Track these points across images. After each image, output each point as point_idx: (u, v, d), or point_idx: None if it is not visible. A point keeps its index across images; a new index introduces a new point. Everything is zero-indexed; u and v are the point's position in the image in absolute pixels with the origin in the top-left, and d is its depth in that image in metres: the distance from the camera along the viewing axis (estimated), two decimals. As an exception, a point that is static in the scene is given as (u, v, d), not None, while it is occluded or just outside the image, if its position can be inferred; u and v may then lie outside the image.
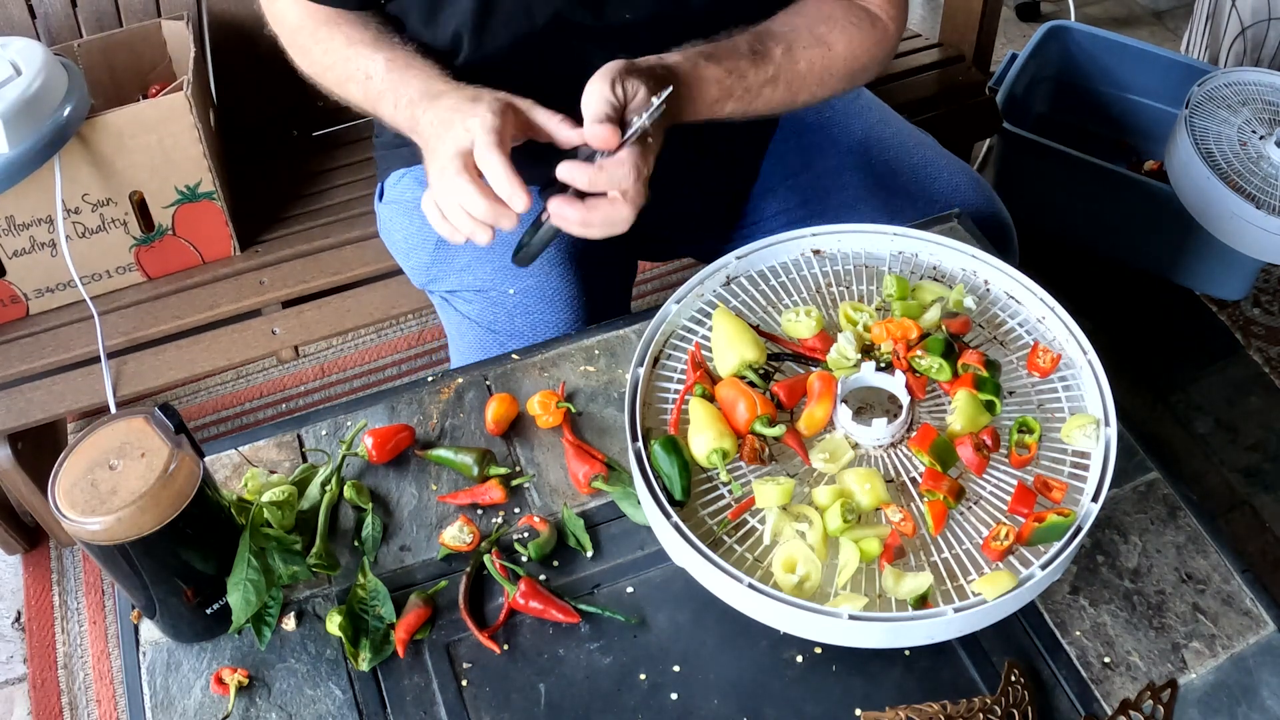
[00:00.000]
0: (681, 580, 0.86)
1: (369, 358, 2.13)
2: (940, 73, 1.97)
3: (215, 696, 0.85)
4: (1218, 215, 1.82)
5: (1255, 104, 1.89)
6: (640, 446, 0.86)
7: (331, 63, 1.11)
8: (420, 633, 0.87)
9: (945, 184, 1.26)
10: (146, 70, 1.69)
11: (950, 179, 1.26)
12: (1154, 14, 2.86)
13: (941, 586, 0.82)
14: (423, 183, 1.30)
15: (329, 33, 1.11)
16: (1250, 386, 2.03)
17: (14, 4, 1.63)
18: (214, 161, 1.59)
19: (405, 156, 1.33)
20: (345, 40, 1.10)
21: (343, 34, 1.11)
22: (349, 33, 1.10)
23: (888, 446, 0.89)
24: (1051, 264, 2.15)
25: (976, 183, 1.28)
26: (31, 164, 1.42)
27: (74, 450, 0.79)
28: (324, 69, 1.13)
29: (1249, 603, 0.88)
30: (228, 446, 1.00)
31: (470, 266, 1.23)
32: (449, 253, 1.25)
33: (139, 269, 1.65)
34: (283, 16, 1.15)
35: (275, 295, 1.66)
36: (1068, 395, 0.92)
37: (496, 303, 1.19)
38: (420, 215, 1.28)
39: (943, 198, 1.25)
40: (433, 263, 1.27)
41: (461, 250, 1.24)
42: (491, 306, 1.20)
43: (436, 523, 0.95)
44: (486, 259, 1.21)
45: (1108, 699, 0.83)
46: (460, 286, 1.24)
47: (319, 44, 1.12)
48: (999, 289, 1.00)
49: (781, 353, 0.95)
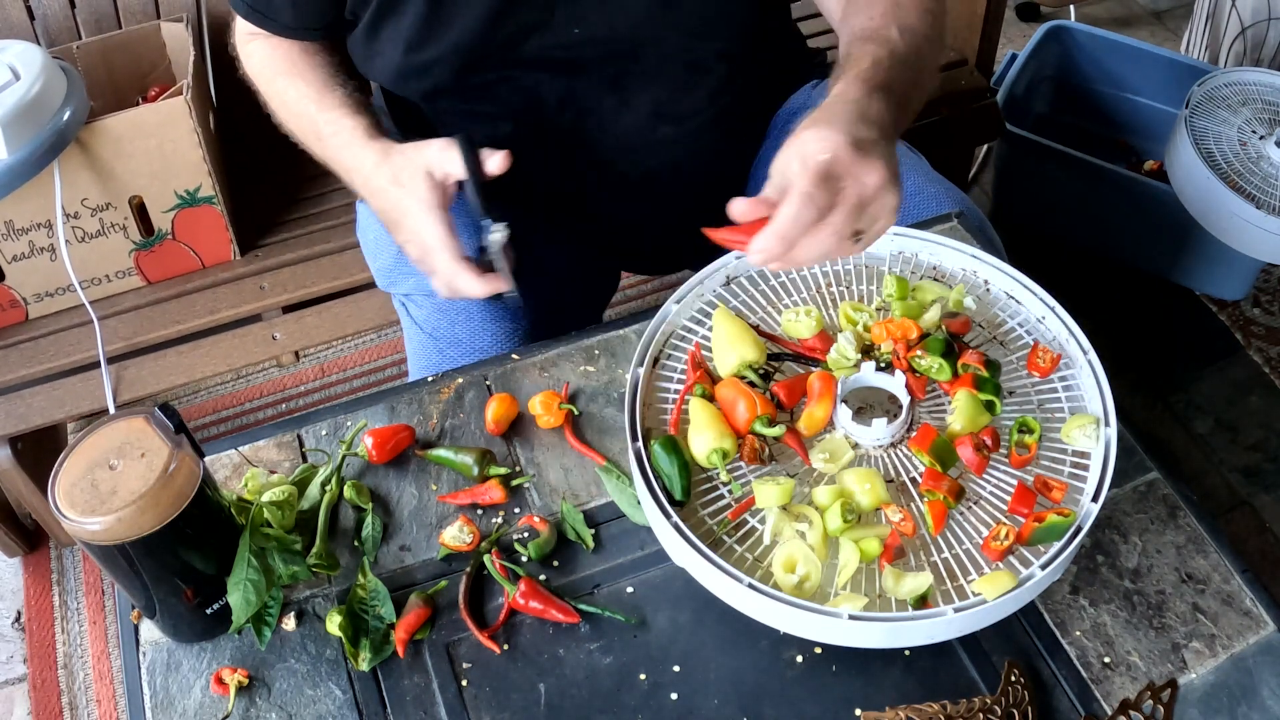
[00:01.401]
0: (681, 580, 0.86)
1: (369, 358, 2.13)
2: (943, 77, 1.97)
3: (215, 696, 0.85)
4: (1218, 215, 1.82)
5: (1255, 104, 1.89)
6: (640, 446, 0.86)
7: (291, 116, 1.15)
8: (420, 633, 0.87)
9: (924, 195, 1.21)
10: (146, 72, 1.69)
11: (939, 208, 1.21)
12: (1154, 14, 2.86)
13: (941, 586, 0.82)
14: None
15: (284, 86, 1.14)
16: (1250, 386, 2.03)
17: (12, 5, 1.63)
18: (214, 166, 1.59)
19: None
20: (297, 96, 1.13)
21: (294, 89, 1.13)
22: (300, 88, 1.13)
23: (888, 446, 0.89)
24: (1051, 264, 2.15)
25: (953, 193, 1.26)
26: (31, 169, 1.42)
27: (74, 450, 0.79)
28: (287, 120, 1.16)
29: (1249, 603, 0.88)
30: (228, 446, 1.00)
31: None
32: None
33: (139, 274, 1.65)
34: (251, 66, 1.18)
35: (275, 300, 1.66)
36: (1068, 395, 0.92)
37: (442, 309, 1.20)
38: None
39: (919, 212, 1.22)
40: (395, 265, 1.28)
41: None
42: (436, 312, 1.21)
43: (436, 523, 0.95)
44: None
45: (1108, 699, 0.83)
46: (414, 290, 1.25)
47: (276, 96, 1.15)
48: (999, 289, 1.00)
49: (781, 353, 0.95)
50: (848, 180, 0.79)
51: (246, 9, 1.12)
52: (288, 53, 1.14)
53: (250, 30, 1.15)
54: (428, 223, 1.01)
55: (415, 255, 1.05)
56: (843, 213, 0.79)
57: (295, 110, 1.14)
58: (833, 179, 0.79)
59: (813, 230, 0.79)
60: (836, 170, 0.79)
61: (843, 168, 0.79)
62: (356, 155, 1.07)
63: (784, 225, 0.78)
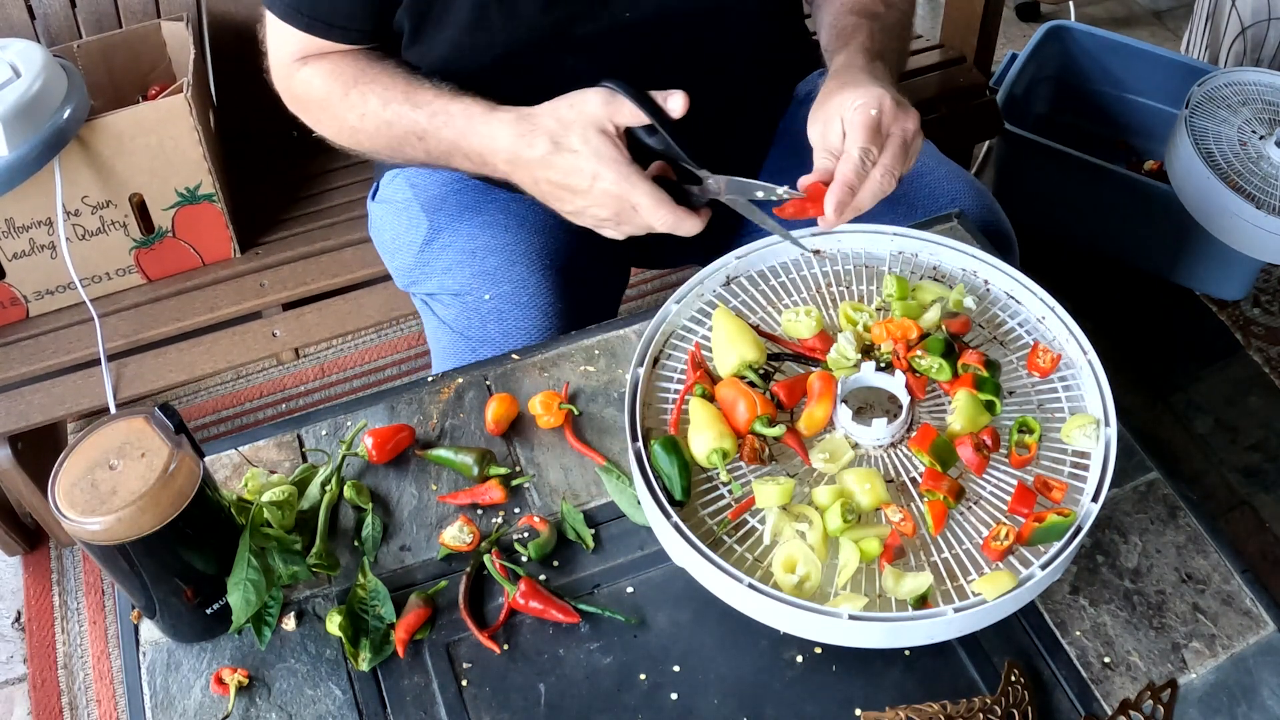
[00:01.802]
0: (681, 580, 0.86)
1: (369, 358, 2.13)
2: (942, 74, 1.97)
3: (215, 696, 0.85)
4: (1218, 215, 1.82)
5: (1255, 104, 1.89)
6: (640, 446, 0.86)
7: (374, 128, 1.09)
8: (420, 633, 0.87)
9: (944, 192, 1.25)
10: (146, 71, 1.69)
11: (950, 186, 1.25)
12: (1154, 14, 2.86)
13: (941, 586, 0.82)
14: (413, 183, 1.29)
15: (360, 95, 1.08)
16: (1250, 386, 2.03)
17: (13, 4, 1.63)
18: (214, 163, 1.59)
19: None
20: (380, 101, 1.07)
21: (375, 95, 1.08)
22: (380, 92, 1.08)
23: (888, 446, 0.89)
24: (1051, 264, 2.15)
25: (976, 190, 1.27)
26: (31, 166, 1.42)
27: (74, 450, 0.79)
28: (368, 136, 1.10)
29: (1249, 603, 0.88)
30: (228, 446, 1.00)
31: (450, 270, 1.22)
32: (431, 255, 1.25)
33: (139, 271, 1.65)
34: (307, 91, 1.12)
35: (275, 297, 1.66)
36: (1068, 395, 0.92)
37: (472, 308, 1.18)
38: (408, 216, 1.28)
39: (941, 206, 1.24)
40: (416, 265, 1.26)
41: (443, 253, 1.23)
42: (466, 312, 1.19)
43: (436, 523, 0.95)
44: (467, 264, 1.20)
45: (1108, 699, 0.83)
46: (440, 290, 1.23)
47: (352, 110, 1.09)
48: (999, 289, 1.00)
49: (781, 353, 0.95)
50: (894, 128, 0.95)
51: (307, 22, 1.07)
52: (354, 63, 1.10)
53: (299, 55, 1.11)
54: (629, 181, 0.95)
55: (606, 216, 0.99)
56: (891, 155, 0.94)
57: (382, 117, 1.08)
58: (878, 130, 0.94)
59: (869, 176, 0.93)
60: (883, 122, 0.95)
61: (888, 119, 0.95)
62: (487, 133, 1.02)
63: (849, 177, 0.92)
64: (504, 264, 1.18)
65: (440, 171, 1.27)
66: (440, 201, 1.27)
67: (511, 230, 1.20)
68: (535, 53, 1.10)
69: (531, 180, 1.02)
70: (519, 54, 1.09)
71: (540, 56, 1.10)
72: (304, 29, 1.08)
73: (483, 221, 1.20)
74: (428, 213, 1.26)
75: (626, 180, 0.95)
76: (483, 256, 1.19)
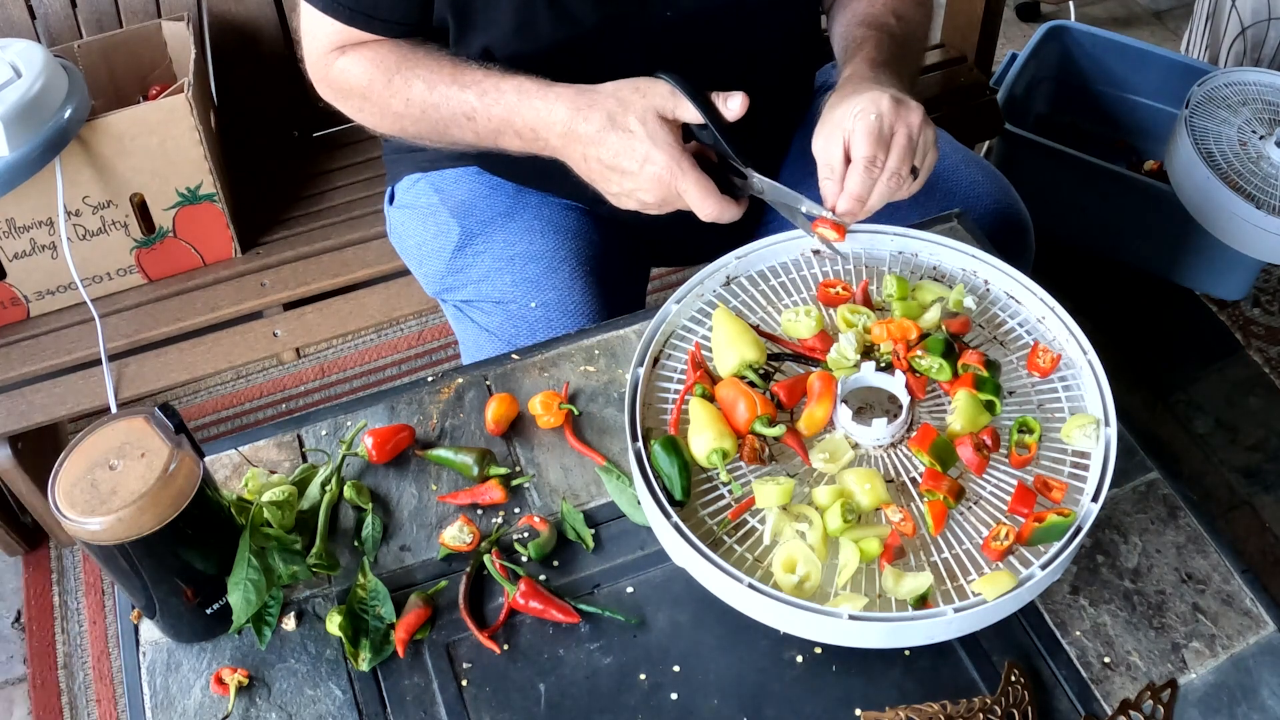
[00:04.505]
0: (681, 580, 0.86)
1: (369, 358, 2.13)
2: (942, 74, 1.98)
3: (215, 696, 0.85)
4: (1218, 215, 1.82)
5: (1255, 104, 1.89)
6: (640, 446, 0.86)
7: (419, 113, 1.08)
8: (420, 633, 0.87)
9: (964, 180, 1.25)
10: (147, 71, 1.69)
11: (969, 174, 1.25)
12: (1154, 14, 2.86)
13: (941, 586, 0.82)
14: (439, 188, 1.28)
15: (404, 81, 1.08)
16: (1250, 386, 2.03)
17: (14, 4, 1.63)
18: (215, 163, 1.59)
19: (418, 160, 1.31)
20: (425, 85, 1.06)
21: (420, 79, 1.07)
22: (425, 76, 1.07)
23: (888, 446, 0.89)
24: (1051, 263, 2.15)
25: (995, 178, 1.27)
26: (32, 166, 1.42)
27: (74, 450, 0.79)
28: (413, 120, 1.09)
29: (1249, 603, 0.88)
30: (228, 446, 1.00)
31: (489, 277, 1.20)
32: (466, 262, 1.23)
33: (140, 271, 1.65)
34: (347, 81, 1.11)
35: (276, 297, 1.67)
36: (1068, 395, 0.92)
37: (517, 316, 1.17)
38: (435, 222, 1.27)
39: (962, 194, 1.24)
40: (448, 272, 1.25)
41: (478, 260, 1.22)
42: (511, 320, 1.17)
43: (436, 523, 0.95)
44: (506, 270, 1.19)
45: (1108, 699, 0.83)
46: (478, 297, 1.21)
47: (396, 95, 1.08)
48: (999, 289, 1.00)
49: (781, 353, 0.95)
50: (898, 126, 0.94)
51: (348, 14, 1.07)
52: (395, 49, 1.09)
53: (337, 45, 1.10)
54: (680, 167, 0.95)
55: (651, 200, 0.99)
56: (897, 157, 0.94)
57: (428, 100, 1.06)
58: (881, 135, 0.93)
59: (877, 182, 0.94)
60: (885, 123, 0.94)
61: (889, 118, 0.94)
62: (543, 105, 1.00)
63: (856, 189, 0.94)
64: (546, 271, 1.17)
65: (467, 176, 1.26)
66: (469, 206, 1.25)
67: (548, 236, 1.20)
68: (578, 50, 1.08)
69: (581, 157, 1.01)
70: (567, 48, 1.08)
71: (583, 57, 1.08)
72: (345, 21, 1.08)
73: (517, 227, 1.19)
74: (458, 218, 1.25)
75: (678, 166, 0.96)
76: (523, 264, 1.18)
